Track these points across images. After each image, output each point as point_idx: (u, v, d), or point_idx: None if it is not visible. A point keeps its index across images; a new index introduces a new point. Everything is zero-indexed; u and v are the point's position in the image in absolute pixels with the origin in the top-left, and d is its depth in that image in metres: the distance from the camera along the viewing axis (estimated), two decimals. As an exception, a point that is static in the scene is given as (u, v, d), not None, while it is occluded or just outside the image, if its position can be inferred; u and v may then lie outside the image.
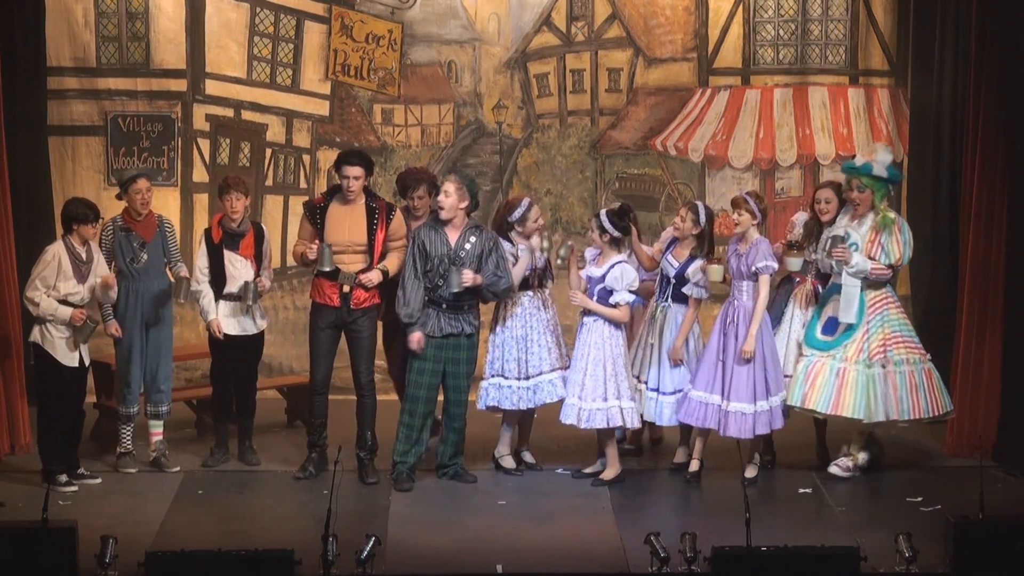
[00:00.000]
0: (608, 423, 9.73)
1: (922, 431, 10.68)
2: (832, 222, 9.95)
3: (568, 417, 9.78)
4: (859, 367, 9.83)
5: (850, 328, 9.86)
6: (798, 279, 10.04)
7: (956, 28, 10.96)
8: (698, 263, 9.84)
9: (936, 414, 10.00)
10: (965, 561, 7.99)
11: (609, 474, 9.87)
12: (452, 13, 12.09)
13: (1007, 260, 10.23)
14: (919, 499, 9.53)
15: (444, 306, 9.69)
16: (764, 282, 9.67)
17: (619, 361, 9.72)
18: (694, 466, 9.91)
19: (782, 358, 9.93)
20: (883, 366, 9.86)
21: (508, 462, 10.09)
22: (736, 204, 9.76)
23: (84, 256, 9.63)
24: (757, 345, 9.65)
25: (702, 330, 10.12)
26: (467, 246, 9.66)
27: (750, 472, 9.81)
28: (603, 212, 9.76)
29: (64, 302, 9.53)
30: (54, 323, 9.54)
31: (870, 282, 9.88)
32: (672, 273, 9.90)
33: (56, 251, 9.57)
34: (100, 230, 9.96)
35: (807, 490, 9.80)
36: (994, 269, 10.30)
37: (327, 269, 9.70)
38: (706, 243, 9.88)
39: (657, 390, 9.98)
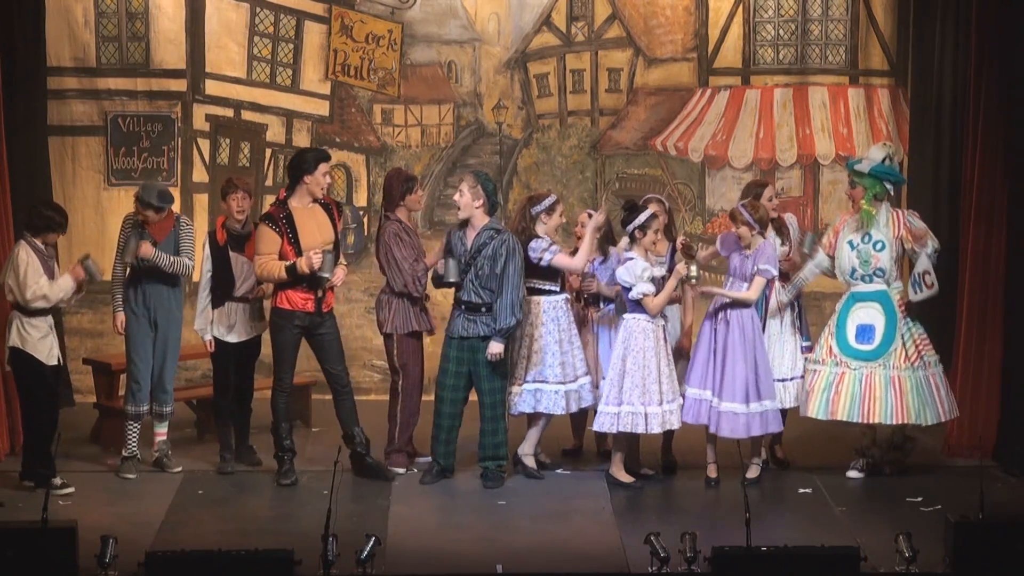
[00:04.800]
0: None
1: (922, 431, 10.66)
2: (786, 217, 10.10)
3: (679, 421, 9.78)
4: (908, 372, 9.88)
5: (888, 335, 9.89)
6: (768, 283, 10.04)
7: (956, 28, 10.96)
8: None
9: (953, 416, 10.09)
10: (965, 561, 7.98)
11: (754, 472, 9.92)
12: (452, 13, 12.09)
13: (1007, 260, 10.23)
14: (919, 499, 9.53)
15: (463, 307, 9.71)
16: (757, 283, 9.68)
17: None
18: (711, 471, 9.90)
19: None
20: (925, 368, 9.91)
21: (531, 461, 10.06)
22: (732, 217, 9.80)
23: (47, 253, 9.66)
24: (750, 349, 9.66)
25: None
26: (482, 247, 9.66)
27: (751, 472, 9.81)
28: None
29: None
30: (32, 320, 9.54)
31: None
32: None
33: (28, 251, 9.53)
34: (121, 227, 10.02)
35: (807, 490, 9.80)
36: (994, 269, 10.30)
37: (328, 275, 9.67)
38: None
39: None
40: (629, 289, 9.57)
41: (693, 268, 9.60)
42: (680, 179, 12.18)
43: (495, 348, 9.69)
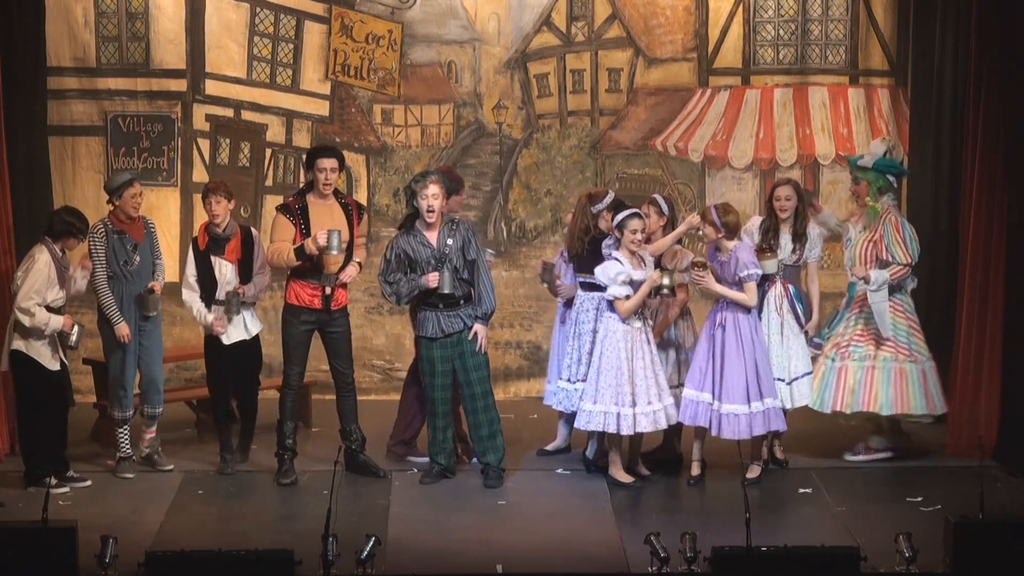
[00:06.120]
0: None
1: (922, 431, 10.68)
2: (790, 219, 10.01)
3: (653, 425, 9.76)
4: (826, 361, 10.11)
5: (836, 323, 10.15)
6: (768, 283, 10.04)
7: (956, 28, 10.97)
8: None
9: (900, 412, 10.09)
10: (965, 561, 7.98)
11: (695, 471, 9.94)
12: (452, 13, 12.09)
13: (1007, 260, 10.23)
14: (919, 499, 9.53)
15: (440, 306, 9.71)
16: (750, 289, 9.68)
17: None
18: (695, 469, 9.90)
19: None
20: (842, 359, 10.06)
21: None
22: (702, 217, 9.81)
23: (64, 261, 9.67)
24: (748, 350, 9.66)
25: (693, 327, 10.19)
26: (449, 242, 9.69)
27: (752, 472, 9.81)
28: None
29: (50, 308, 9.55)
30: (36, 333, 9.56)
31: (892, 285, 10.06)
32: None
33: (47, 260, 9.56)
34: (90, 236, 9.96)
35: (807, 490, 9.80)
36: (994, 269, 10.30)
37: (336, 254, 9.68)
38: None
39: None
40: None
41: (666, 279, 9.57)
42: (680, 179, 12.18)
43: (483, 331, 9.74)
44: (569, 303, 10.18)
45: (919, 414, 10.15)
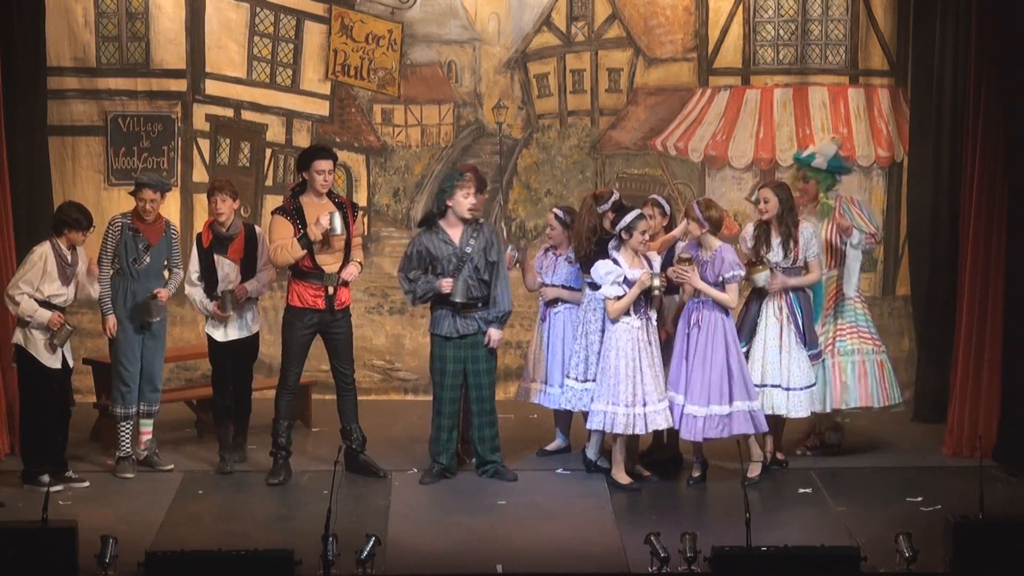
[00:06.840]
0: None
1: (922, 431, 10.70)
2: (776, 219, 10.01)
3: (646, 427, 9.73)
4: (819, 362, 10.14)
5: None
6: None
7: (956, 28, 10.97)
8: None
9: (885, 404, 10.27)
10: (965, 561, 7.99)
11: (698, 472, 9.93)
12: (452, 13, 12.09)
13: (1007, 260, 10.23)
14: (919, 499, 9.54)
15: (458, 306, 9.72)
16: (732, 290, 9.67)
17: None
18: (696, 471, 9.89)
19: (759, 367, 9.89)
20: (832, 356, 10.13)
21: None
22: (685, 213, 9.81)
23: (70, 258, 9.65)
24: (720, 352, 9.64)
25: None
26: (471, 242, 9.69)
27: (751, 472, 9.81)
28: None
29: (49, 303, 9.56)
30: (32, 325, 9.57)
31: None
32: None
33: (43, 252, 9.58)
34: (106, 228, 9.99)
35: (807, 490, 9.80)
36: (994, 269, 10.30)
37: (340, 233, 9.69)
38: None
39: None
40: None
41: (656, 279, 9.56)
42: (680, 179, 12.18)
43: (497, 335, 9.76)
44: (551, 303, 10.17)
45: (898, 402, 10.39)
